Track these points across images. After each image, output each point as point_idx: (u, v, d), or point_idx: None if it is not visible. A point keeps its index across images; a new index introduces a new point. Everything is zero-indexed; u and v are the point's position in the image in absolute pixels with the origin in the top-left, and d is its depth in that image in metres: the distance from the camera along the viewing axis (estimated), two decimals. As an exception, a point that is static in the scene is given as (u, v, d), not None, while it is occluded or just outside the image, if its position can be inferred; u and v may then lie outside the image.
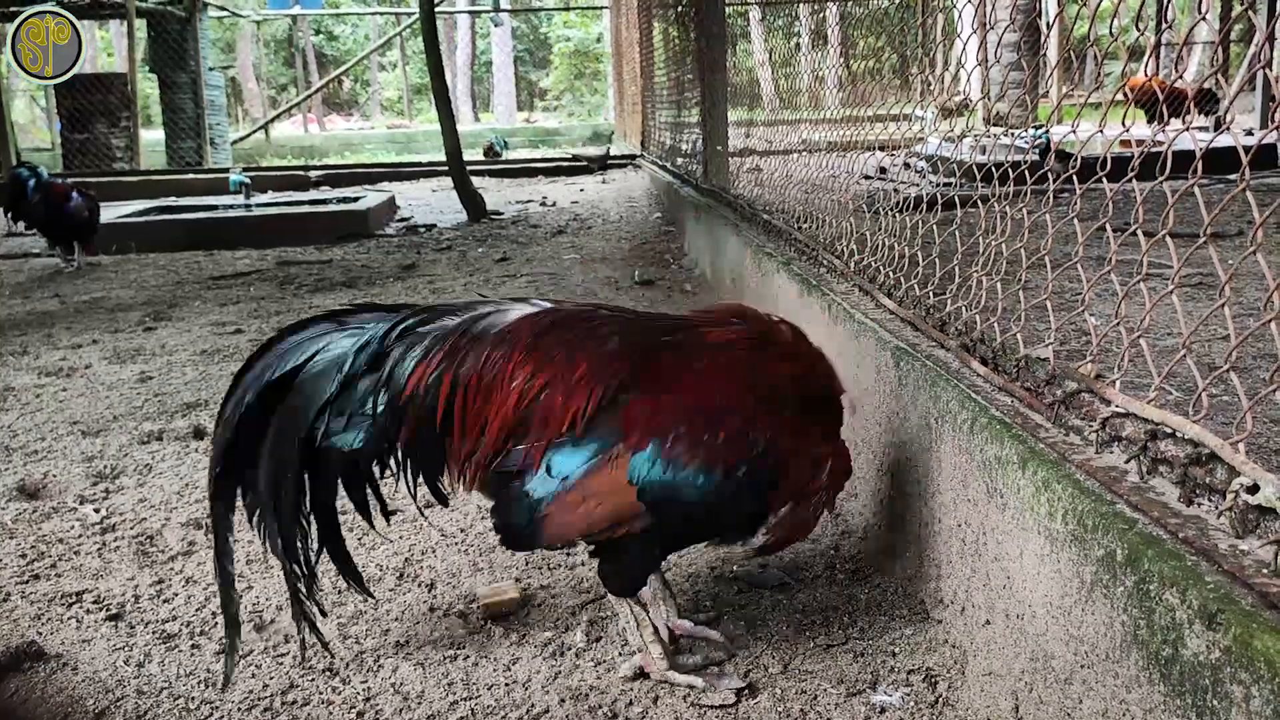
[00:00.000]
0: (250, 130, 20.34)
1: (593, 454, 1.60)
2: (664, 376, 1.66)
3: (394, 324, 1.73)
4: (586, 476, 1.60)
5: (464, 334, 1.71)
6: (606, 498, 1.61)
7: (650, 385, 1.64)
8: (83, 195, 6.76)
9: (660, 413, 1.61)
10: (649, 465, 1.59)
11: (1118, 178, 1.55)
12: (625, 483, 1.59)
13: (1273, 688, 0.96)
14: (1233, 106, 7.80)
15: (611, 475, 1.60)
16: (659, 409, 1.62)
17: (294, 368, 1.72)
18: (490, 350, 1.68)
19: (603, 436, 1.60)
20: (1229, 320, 1.33)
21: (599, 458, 1.60)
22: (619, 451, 1.60)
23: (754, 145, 5.22)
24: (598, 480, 1.60)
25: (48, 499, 2.74)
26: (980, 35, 2.69)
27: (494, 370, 1.66)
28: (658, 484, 1.59)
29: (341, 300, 5.35)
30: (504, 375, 1.65)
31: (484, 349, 1.68)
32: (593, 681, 1.79)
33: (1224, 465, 1.23)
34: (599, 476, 1.60)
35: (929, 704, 1.66)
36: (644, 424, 1.60)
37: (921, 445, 1.94)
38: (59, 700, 1.78)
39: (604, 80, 27.20)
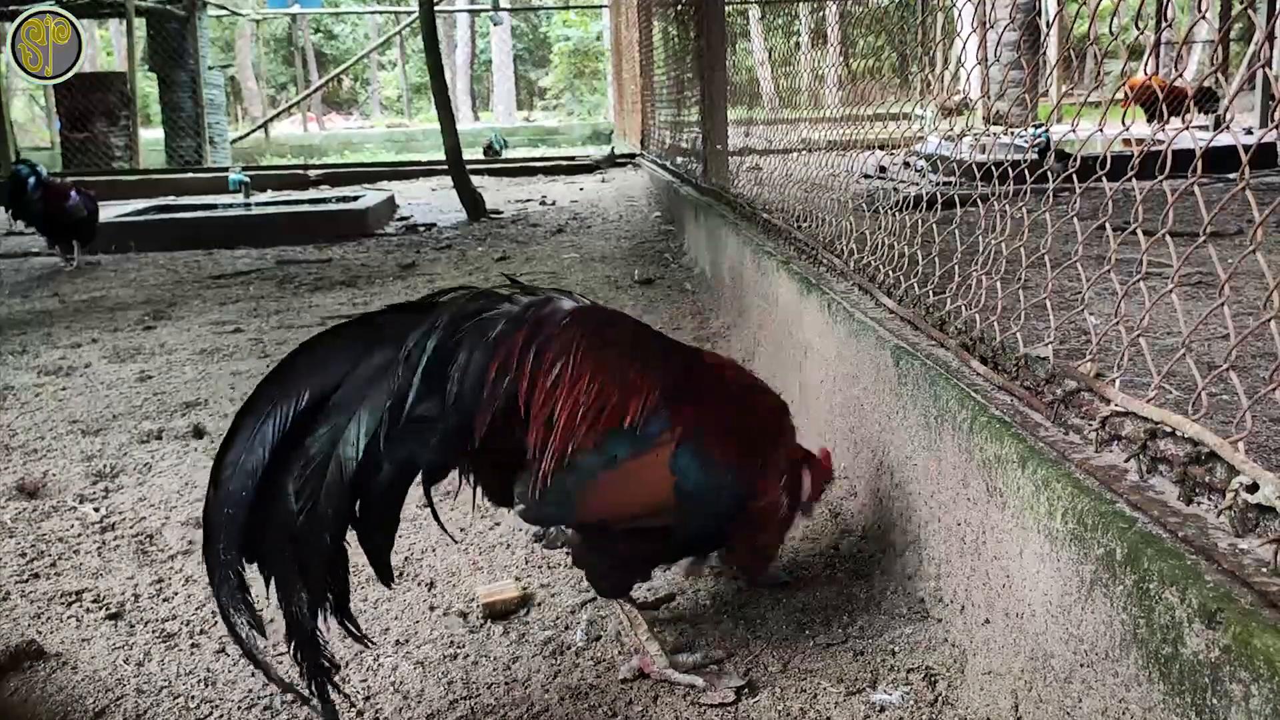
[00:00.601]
0: (250, 129, 20.33)
1: (645, 441, 1.65)
2: (699, 385, 1.76)
3: (450, 323, 1.57)
4: (633, 459, 1.64)
5: (527, 328, 1.61)
6: (647, 482, 1.67)
7: (692, 390, 1.73)
8: (81, 194, 6.77)
9: (703, 415, 1.71)
10: (689, 458, 1.66)
11: (1117, 177, 1.55)
12: (667, 471, 1.66)
13: (1272, 686, 0.96)
14: (1232, 105, 7.80)
15: (656, 461, 1.65)
16: (703, 412, 1.71)
17: (330, 386, 1.50)
18: (556, 345, 1.62)
19: (656, 428, 1.66)
20: (1229, 319, 1.33)
21: (649, 444, 1.65)
22: (666, 439, 1.66)
23: (754, 144, 5.22)
24: (643, 463, 1.65)
25: (47, 498, 2.74)
26: (980, 34, 2.69)
27: (563, 367, 1.62)
28: (693, 478, 1.66)
29: (341, 299, 5.36)
30: (572, 372, 1.62)
31: (549, 345, 1.62)
32: (592, 680, 1.79)
33: (1223, 464, 1.23)
34: (645, 459, 1.65)
35: (929, 703, 1.66)
36: (691, 421, 1.68)
37: (921, 444, 1.94)
38: (59, 699, 1.78)
39: (603, 79, 27.19)
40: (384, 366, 1.52)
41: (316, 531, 1.47)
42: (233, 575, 1.45)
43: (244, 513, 1.44)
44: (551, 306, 1.67)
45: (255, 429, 1.47)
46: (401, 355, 1.52)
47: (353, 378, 1.51)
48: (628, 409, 1.64)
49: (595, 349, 1.64)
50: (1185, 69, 13.94)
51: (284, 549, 1.47)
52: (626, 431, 1.63)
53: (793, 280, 3.05)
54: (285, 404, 1.48)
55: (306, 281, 5.96)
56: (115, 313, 5.27)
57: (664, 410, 1.66)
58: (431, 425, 1.53)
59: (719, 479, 1.70)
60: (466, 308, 1.61)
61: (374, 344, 1.54)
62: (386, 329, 1.57)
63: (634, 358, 1.69)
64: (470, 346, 1.57)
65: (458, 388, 1.55)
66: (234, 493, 1.45)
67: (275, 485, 1.46)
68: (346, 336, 1.57)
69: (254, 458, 1.45)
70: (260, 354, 4.25)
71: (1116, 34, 1.63)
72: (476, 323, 1.59)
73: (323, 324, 4.78)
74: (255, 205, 8.81)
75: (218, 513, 1.45)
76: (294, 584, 1.48)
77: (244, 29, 27.67)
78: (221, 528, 1.45)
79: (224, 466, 1.47)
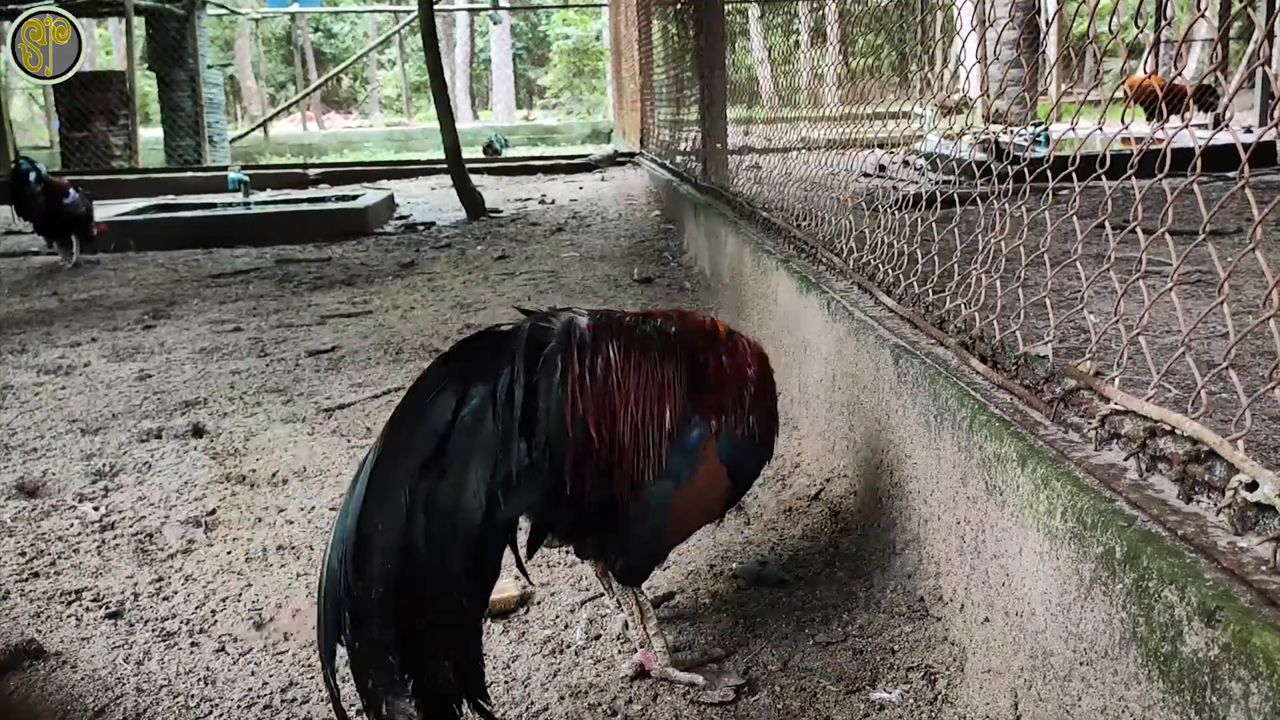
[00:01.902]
0: (249, 128, 20.31)
1: (694, 449, 1.69)
2: (706, 370, 1.77)
3: (527, 361, 1.54)
4: (692, 474, 1.69)
5: (576, 356, 1.59)
6: (710, 485, 1.74)
7: (704, 378, 1.75)
8: (79, 191, 6.83)
9: (720, 396, 1.75)
10: (729, 445, 1.72)
11: (1117, 175, 1.54)
12: (718, 465, 1.72)
13: (1271, 684, 0.96)
14: (1232, 104, 7.80)
15: (709, 464, 1.71)
16: (718, 393, 1.74)
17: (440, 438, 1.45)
18: (601, 365, 1.60)
19: (696, 431, 1.70)
20: (1228, 318, 1.33)
21: (699, 451, 1.69)
22: (708, 438, 1.70)
23: (753, 143, 5.22)
24: (701, 473, 1.70)
25: (47, 497, 2.74)
26: (979, 33, 2.69)
27: (615, 386, 1.61)
28: (737, 456, 1.74)
29: (340, 298, 5.36)
30: (623, 390, 1.62)
31: (595, 366, 1.60)
32: (592, 679, 1.79)
33: (1223, 463, 1.23)
34: (701, 469, 1.70)
35: (928, 701, 1.66)
36: (716, 409, 1.72)
37: (920, 443, 1.94)
38: (58, 698, 1.78)
39: (603, 78, 27.18)
40: (481, 413, 1.48)
41: (455, 596, 1.41)
42: (390, 661, 1.35)
43: (392, 591, 1.36)
44: (579, 330, 1.62)
45: (386, 494, 1.40)
46: (495, 408, 1.48)
47: (460, 427, 1.46)
48: (666, 420, 1.65)
49: (627, 361, 1.64)
50: (1185, 67, 13.94)
51: (424, 620, 1.39)
52: (675, 446, 1.65)
53: (792, 279, 3.05)
54: (410, 460, 1.42)
55: (306, 280, 5.96)
56: (114, 312, 5.26)
57: (693, 409, 1.69)
58: (533, 478, 1.50)
59: (754, 449, 1.80)
60: (531, 348, 1.56)
61: (470, 385, 1.50)
62: (478, 363, 1.53)
63: (657, 359, 1.68)
64: (547, 392, 1.54)
65: (545, 439, 1.52)
66: (379, 571, 1.36)
67: (413, 554, 1.39)
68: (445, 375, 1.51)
69: (394, 526, 1.38)
70: (260, 353, 4.25)
71: (1116, 33, 1.63)
72: (545, 365, 1.56)
73: (322, 323, 4.79)
74: (254, 204, 8.81)
75: (365, 593, 1.35)
76: (437, 658, 1.39)
77: (243, 28, 27.65)
78: (374, 609, 1.35)
79: (364, 538, 1.37)
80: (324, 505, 2.61)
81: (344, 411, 3.39)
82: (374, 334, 4.51)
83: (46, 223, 6.79)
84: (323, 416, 3.35)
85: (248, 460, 2.97)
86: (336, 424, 3.27)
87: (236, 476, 2.83)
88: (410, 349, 4.18)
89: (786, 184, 4.00)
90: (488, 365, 1.52)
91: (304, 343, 4.40)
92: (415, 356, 4.07)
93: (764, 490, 2.59)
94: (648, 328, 1.73)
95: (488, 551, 1.47)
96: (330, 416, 3.35)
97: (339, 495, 2.67)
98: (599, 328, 1.64)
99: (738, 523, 2.41)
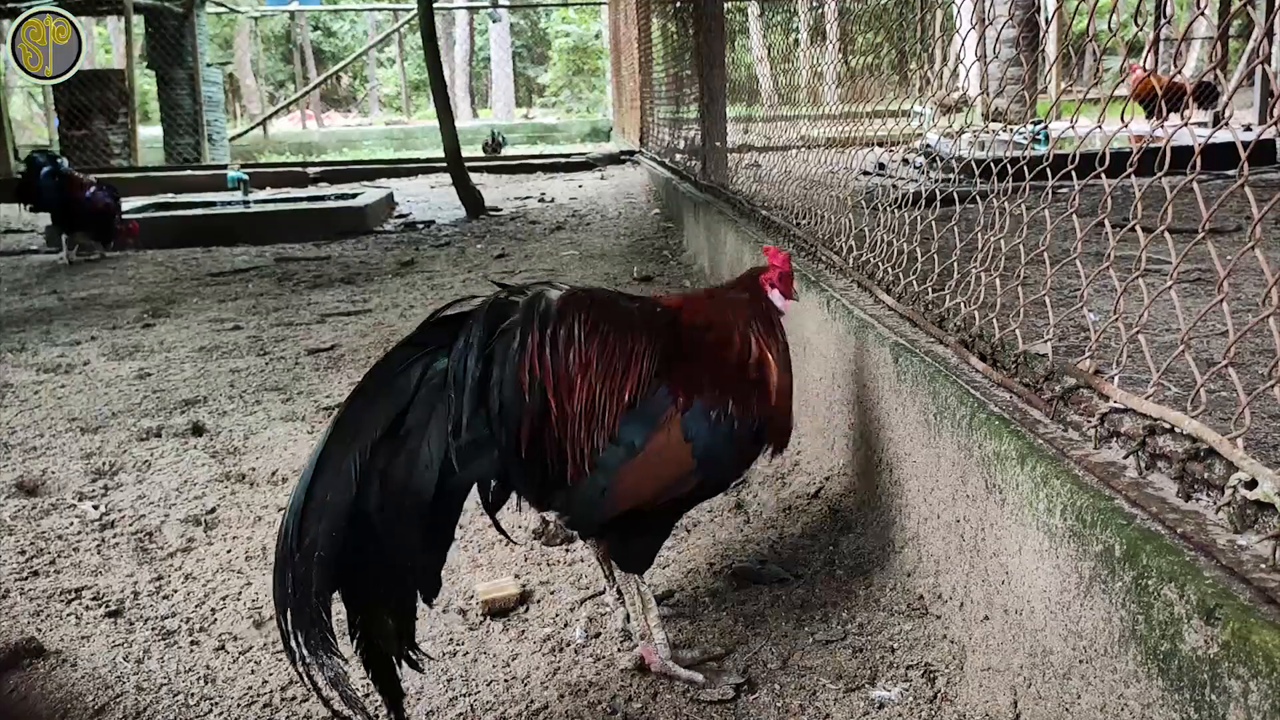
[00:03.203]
0: (248, 127, 20.32)
1: (654, 420, 1.68)
2: (685, 347, 1.76)
3: (482, 341, 1.59)
4: (649, 442, 1.67)
5: (535, 330, 1.63)
6: (668, 459, 1.69)
7: (680, 353, 1.75)
8: (104, 189, 6.93)
9: (696, 375, 1.73)
10: (698, 422, 1.69)
11: (1116, 173, 1.54)
12: (682, 440, 1.69)
13: (1271, 682, 0.96)
14: (1231, 102, 7.80)
15: (670, 436, 1.68)
16: (694, 372, 1.73)
17: (399, 410, 1.52)
18: (563, 336, 1.64)
19: (658, 402, 1.69)
20: (1227, 316, 1.33)
21: (659, 422, 1.68)
22: (672, 411, 1.68)
23: (753, 141, 5.21)
24: (659, 443, 1.68)
25: (46, 496, 2.74)
26: (979, 31, 2.69)
27: (576, 356, 1.65)
28: (706, 437, 1.70)
29: (340, 297, 5.36)
30: (583, 359, 1.65)
31: (558, 337, 1.64)
32: (592, 677, 1.79)
33: (1222, 461, 1.23)
34: (659, 438, 1.68)
35: (928, 699, 1.66)
36: (686, 386, 1.71)
37: (920, 441, 1.94)
38: (58, 696, 1.78)
39: (602, 76, 27.17)
40: (439, 386, 1.54)
41: (402, 558, 1.48)
42: (322, 616, 1.42)
43: (334, 551, 1.42)
44: (545, 301, 1.67)
45: (339, 464, 1.46)
46: (450, 377, 1.54)
47: (419, 400, 1.52)
48: (628, 390, 1.67)
49: (593, 333, 1.66)
50: (1184, 65, 13.93)
51: (371, 579, 1.46)
52: (636, 414, 1.66)
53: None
54: (365, 433, 1.49)
55: (305, 279, 5.96)
56: (114, 310, 5.26)
57: (662, 379, 1.69)
58: (488, 442, 1.55)
59: (728, 434, 1.72)
60: (490, 319, 1.62)
61: (428, 362, 1.57)
62: (432, 344, 1.59)
63: (625, 332, 1.70)
64: (502, 361, 1.59)
65: (499, 405, 1.57)
66: (325, 532, 1.43)
67: (363, 517, 1.45)
68: (399, 360, 1.58)
69: (342, 495, 1.44)
70: (259, 351, 4.25)
71: (1115, 31, 1.63)
72: (501, 335, 1.60)
73: (322, 321, 4.79)
74: (254, 202, 8.81)
75: (307, 552, 1.42)
76: (380, 614, 1.47)
77: (242, 26, 27.64)
78: (315, 567, 1.41)
79: (311, 507, 1.44)
80: (324, 504, 2.61)
81: (343, 410, 3.39)
82: (373, 332, 4.50)
83: (62, 217, 6.86)
84: (322, 415, 3.35)
85: (247, 459, 2.97)
86: (336, 422, 3.27)
87: (236, 475, 2.83)
88: (410, 347, 4.18)
89: (786, 182, 4.00)
90: (447, 339, 1.57)
91: (303, 341, 4.40)
92: (415, 355, 4.07)
93: (764, 489, 2.59)
94: (629, 305, 1.76)
95: (439, 515, 1.52)
96: (330, 415, 3.35)
97: (339, 494, 2.67)
98: (568, 300, 1.67)
99: (737, 521, 2.42)
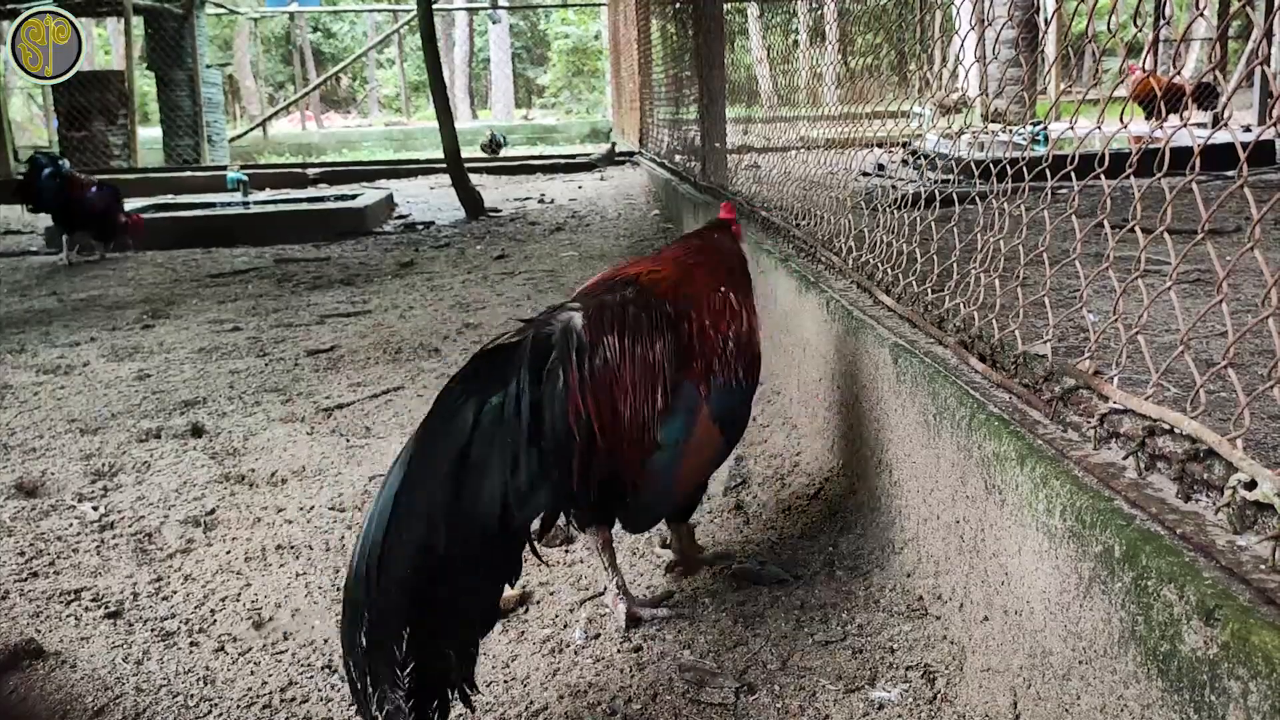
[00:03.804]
0: (248, 128, 20.31)
1: (687, 419, 1.82)
2: (689, 332, 1.88)
3: (531, 376, 1.64)
4: (688, 439, 1.82)
5: (575, 362, 1.68)
6: (704, 446, 1.89)
7: (688, 342, 1.87)
8: (104, 190, 6.94)
9: (707, 360, 1.88)
10: (720, 404, 1.87)
11: (1115, 174, 1.54)
12: (712, 426, 1.87)
13: (1270, 683, 0.96)
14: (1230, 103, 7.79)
15: (702, 428, 1.85)
16: (704, 357, 1.87)
17: (460, 451, 1.55)
18: (600, 365, 1.71)
19: (687, 398, 1.83)
20: (1226, 316, 1.33)
21: (692, 419, 1.83)
22: (698, 404, 1.84)
23: (752, 142, 5.21)
24: (697, 437, 1.84)
25: (46, 497, 2.74)
26: (978, 31, 2.69)
27: (613, 382, 1.72)
28: (725, 408, 1.89)
29: (339, 298, 5.36)
30: (620, 385, 1.73)
31: (595, 369, 1.70)
32: (591, 678, 1.79)
33: (1222, 461, 1.23)
34: (696, 433, 1.84)
35: (927, 700, 1.66)
36: (703, 374, 1.86)
37: (919, 442, 1.94)
38: (58, 698, 1.78)
39: (602, 77, 27.17)
40: (494, 424, 1.58)
41: (469, 593, 1.51)
42: (394, 653, 1.42)
43: (409, 590, 1.44)
44: (576, 335, 1.72)
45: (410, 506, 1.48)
46: (506, 422, 1.58)
47: (477, 439, 1.56)
48: (660, 394, 1.78)
49: (622, 355, 1.75)
50: (1183, 66, 13.94)
51: (439, 615, 1.47)
52: (671, 416, 1.79)
53: (791, 278, 3.05)
54: (432, 475, 1.51)
55: (305, 280, 5.96)
56: (114, 311, 5.26)
57: (682, 374, 1.82)
58: (544, 479, 1.60)
59: (742, 397, 1.95)
60: (534, 361, 1.66)
61: (480, 400, 1.59)
62: (490, 379, 1.63)
63: (645, 343, 1.79)
64: (550, 403, 1.64)
65: (554, 445, 1.62)
66: (399, 573, 1.44)
67: (434, 556, 1.47)
68: (455, 398, 1.60)
69: (415, 536, 1.46)
70: (259, 352, 4.25)
71: (1115, 31, 1.63)
72: (548, 377, 1.66)
73: (321, 322, 4.79)
74: (253, 204, 8.81)
75: (382, 597, 1.43)
76: (443, 648, 1.48)
77: (242, 27, 27.64)
78: (394, 606, 1.42)
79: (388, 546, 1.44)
80: (323, 505, 2.61)
81: (343, 411, 3.40)
82: (373, 333, 4.51)
83: (63, 218, 6.87)
84: (322, 416, 3.35)
85: (247, 460, 2.97)
86: (335, 423, 3.27)
87: (235, 476, 2.83)
88: (409, 348, 4.18)
89: (785, 183, 4.00)
90: (497, 379, 1.62)
91: (303, 342, 4.40)
92: (414, 356, 4.07)
93: (763, 489, 2.59)
94: (637, 309, 1.83)
95: (503, 555, 1.57)
96: (329, 416, 3.35)
97: (338, 495, 2.67)
98: (592, 327, 1.75)
99: (737, 522, 2.42)
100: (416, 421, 3.19)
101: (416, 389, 3.61)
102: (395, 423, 3.25)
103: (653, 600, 2.03)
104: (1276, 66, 6.71)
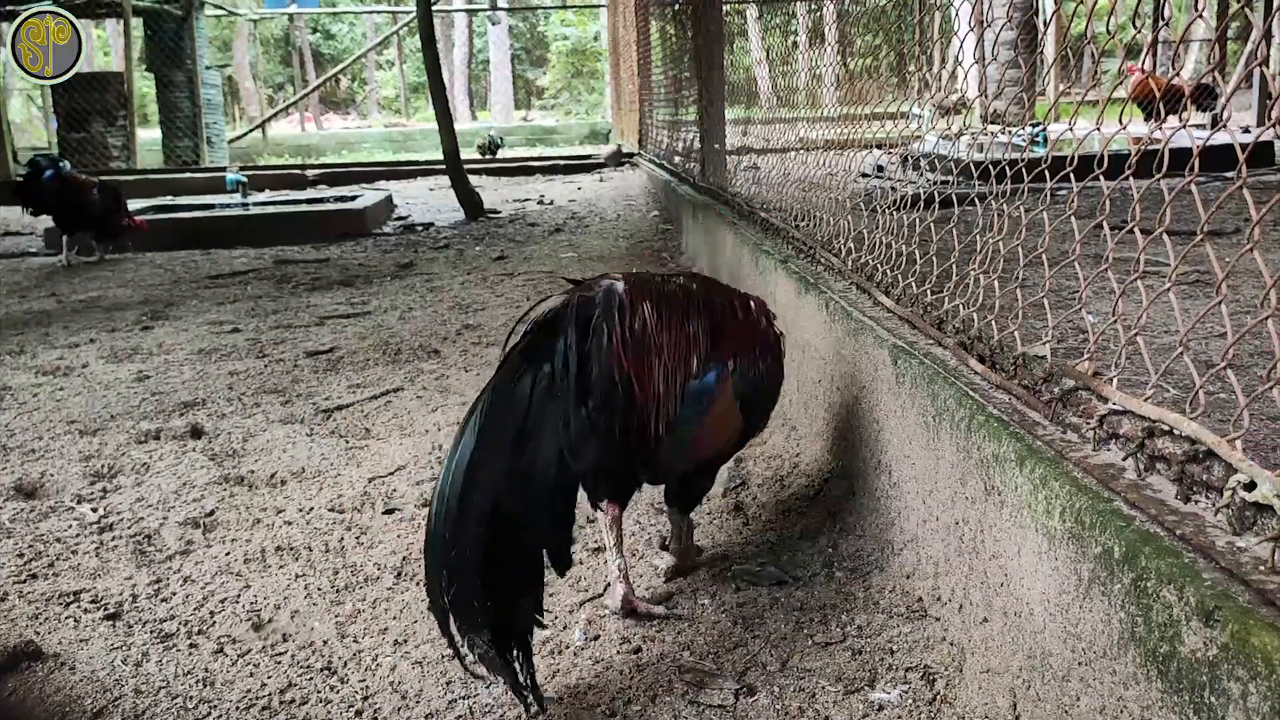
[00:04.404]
0: (247, 129, 20.32)
1: (713, 389, 1.93)
2: (724, 321, 2.00)
3: (578, 335, 1.78)
4: (711, 408, 1.93)
5: (619, 321, 1.82)
6: (725, 419, 1.98)
7: (723, 328, 1.98)
8: (105, 191, 6.95)
9: (736, 344, 1.98)
10: (743, 384, 1.97)
11: (1115, 175, 1.54)
12: (732, 401, 1.97)
13: (1270, 684, 0.96)
14: (1229, 104, 7.80)
15: (725, 401, 1.95)
16: (735, 339, 1.99)
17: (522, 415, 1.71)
18: (639, 328, 1.84)
19: (714, 368, 1.93)
20: (1226, 318, 1.33)
21: (717, 389, 1.94)
22: (725, 378, 1.94)
23: (751, 143, 5.22)
24: (719, 407, 1.95)
25: (45, 498, 2.73)
26: (977, 33, 2.69)
27: (651, 343, 1.85)
28: (747, 390, 1.98)
29: (339, 299, 5.36)
30: (657, 346, 1.86)
31: (634, 330, 1.83)
32: (590, 680, 1.79)
33: (1221, 462, 1.23)
34: (719, 403, 1.94)
35: (927, 701, 1.66)
36: (731, 353, 1.97)
37: (919, 443, 1.94)
38: (57, 700, 1.78)
39: (601, 79, 27.18)
40: (548, 388, 1.74)
41: (539, 544, 1.69)
42: (474, 605, 1.59)
43: (484, 545, 1.61)
44: (618, 297, 1.85)
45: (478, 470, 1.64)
46: (556, 380, 1.74)
47: (536, 403, 1.72)
48: (694, 363, 1.90)
49: (660, 320, 1.87)
50: (1182, 67, 13.95)
51: (512, 567, 1.65)
52: (698, 384, 1.90)
53: (790, 279, 3.05)
54: (498, 441, 1.68)
55: (304, 281, 5.96)
56: (113, 313, 5.26)
57: (713, 354, 1.93)
58: (592, 432, 1.75)
59: (764, 388, 2.06)
60: (580, 322, 1.80)
61: (537, 369, 1.75)
62: (543, 345, 1.78)
63: (680, 314, 1.92)
64: (597, 359, 1.78)
65: (601, 399, 1.76)
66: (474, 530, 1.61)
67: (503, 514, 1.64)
68: (518, 366, 1.76)
69: (486, 496, 1.63)
70: (258, 353, 4.25)
71: (1114, 33, 1.63)
72: (594, 331, 1.80)
73: (320, 323, 4.79)
74: (253, 205, 8.81)
75: (459, 549, 1.60)
76: (516, 595, 1.65)
77: (241, 29, 27.65)
78: (472, 561, 1.60)
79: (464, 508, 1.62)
80: (322, 506, 2.61)
81: (342, 412, 3.39)
82: (372, 335, 4.50)
83: (63, 219, 6.88)
84: (321, 417, 3.35)
85: (246, 461, 2.97)
86: (335, 425, 3.27)
87: (235, 477, 2.83)
88: (409, 350, 4.18)
89: (785, 184, 4.00)
90: (549, 345, 1.77)
91: (302, 343, 4.40)
92: (414, 357, 4.07)
93: (763, 491, 2.59)
94: (673, 287, 1.98)
95: (561, 505, 1.73)
96: (329, 417, 3.35)
97: (337, 496, 2.67)
98: (634, 291, 1.88)
99: (736, 523, 2.42)
100: (416, 423, 3.21)
101: (416, 390, 3.61)
102: (395, 424, 3.25)
103: (652, 599, 2.04)
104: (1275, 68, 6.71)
